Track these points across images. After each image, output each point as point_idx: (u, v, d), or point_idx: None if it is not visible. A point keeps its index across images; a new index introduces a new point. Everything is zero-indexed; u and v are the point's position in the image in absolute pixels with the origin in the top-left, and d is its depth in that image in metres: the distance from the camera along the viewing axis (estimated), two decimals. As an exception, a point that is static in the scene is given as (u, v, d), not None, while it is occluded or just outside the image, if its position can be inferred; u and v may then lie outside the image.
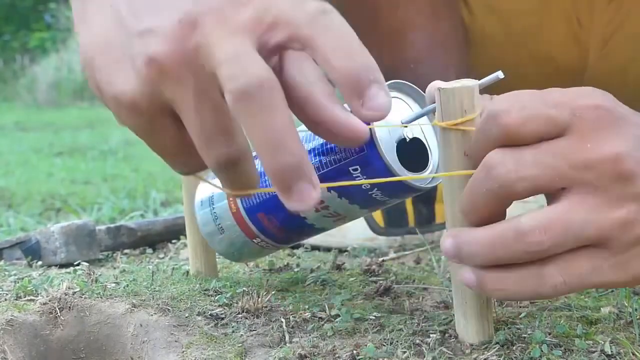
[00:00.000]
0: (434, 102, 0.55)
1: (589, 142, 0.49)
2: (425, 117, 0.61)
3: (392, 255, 0.92)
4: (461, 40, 0.94)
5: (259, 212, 0.67)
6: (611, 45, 0.93)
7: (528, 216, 0.50)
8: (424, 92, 0.58)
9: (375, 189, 0.60)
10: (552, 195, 0.51)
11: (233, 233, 0.70)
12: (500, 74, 0.53)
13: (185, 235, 0.80)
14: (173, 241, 0.99)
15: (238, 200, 0.68)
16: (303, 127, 0.62)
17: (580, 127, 0.49)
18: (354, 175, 0.60)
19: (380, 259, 0.86)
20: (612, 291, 0.73)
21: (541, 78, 0.96)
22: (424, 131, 0.62)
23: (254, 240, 0.69)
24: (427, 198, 0.93)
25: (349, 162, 0.60)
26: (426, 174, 0.62)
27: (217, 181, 0.70)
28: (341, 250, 0.95)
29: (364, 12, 0.90)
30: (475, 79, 0.54)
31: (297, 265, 0.83)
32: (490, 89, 0.55)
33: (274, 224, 0.67)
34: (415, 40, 0.92)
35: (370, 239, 0.97)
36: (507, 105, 0.50)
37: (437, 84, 0.54)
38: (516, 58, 0.95)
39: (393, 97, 0.61)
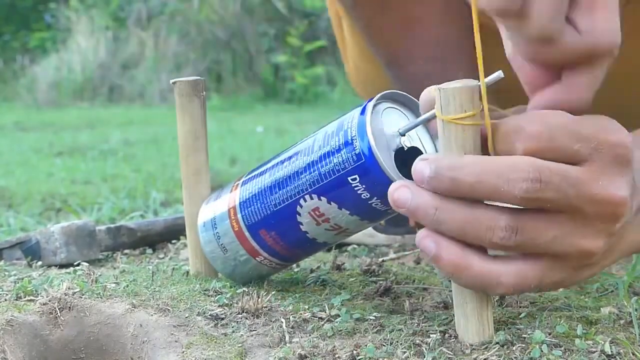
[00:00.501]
0: (428, 110, 0.56)
1: (601, 180, 0.52)
2: (422, 127, 0.61)
3: (392, 255, 0.92)
4: (471, 43, 0.94)
5: (261, 228, 0.67)
6: (624, 48, 0.92)
7: (508, 214, 0.52)
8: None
9: (375, 197, 0.60)
10: None
11: (236, 252, 0.70)
12: (501, 74, 0.53)
13: (185, 236, 0.80)
14: (173, 241, 0.99)
15: (240, 219, 0.68)
16: (304, 142, 0.63)
17: (597, 162, 0.52)
18: (353, 185, 0.60)
19: (380, 259, 0.86)
20: (612, 291, 0.73)
21: None
22: (422, 140, 0.63)
23: (257, 258, 0.69)
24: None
25: (348, 171, 0.60)
26: None
27: (220, 201, 0.71)
28: (341, 250, 0.95)
29: (377, 2, 0.89)
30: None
31: (297, 265, 0.83)
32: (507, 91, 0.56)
33: (276, 241, 0.67)
34: (428, 37, 0.92)
35: (370, 235, 0.97)
36: (537, 129, 0.51)
37: (431, 90, 0.55)
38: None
39: (389, 107, 0.62)
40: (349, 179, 0.60)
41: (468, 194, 0.52)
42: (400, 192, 0.54)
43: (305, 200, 0.63)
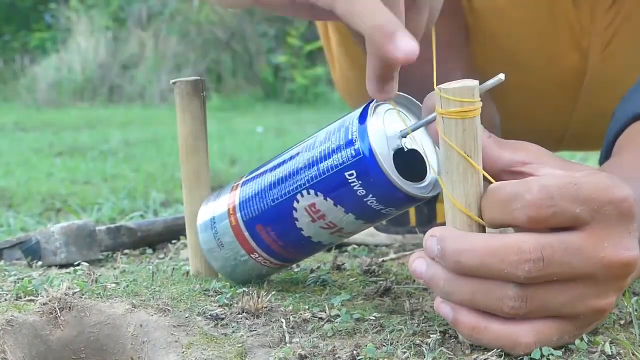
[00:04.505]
0: (431, 113, 0.56)
1: (606, 242, 0.51)
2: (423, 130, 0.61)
3: (392, 255, 0.92)
4: (465, 42, 0.94)
5: (258, 223, 0.67)
6: (610, 49, 0.93)
7: (516, 284, 0.52)
8: (426, 95, 0.58)
9: (371, 195, 0.60)
10: None
11: (236, 252, 0.70)
12: (501, 77, 0.53)
13: (185, 236, 0.80)
14: (173, 241, 0.99)
15: (238, 213, 0.68)
16: (305, 142, 0.63)
17: (601, 224, 0.51)
18: (350, 181, 0.60)
19: (380, 259, 0.86)
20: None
21: (541, 82, 0.96)
22: (423, 143, 0.63)
23: (253, 255, 0.69)
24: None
25: (345, 167, 0.60)
26: (424, 184, 0.62)
27: (220, 201, 0.71)
28: (341, 250, 0.95)
29: None
30: (475, 79, 0.54)
31: (297, 265, 0.83)
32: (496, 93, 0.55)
33: (272, 238, 0.67)
34: (423, 39, 0.92)
35: (371, 234, 0.97)
36: (537, 197, 0.51)
37: (434, 95, 0.55)
38: (518, 61, 0.95)
39: (391, 109, 0.62)
40: (346, 174, 0.60)
41: (474, 274, 0.53)
42: (417, 263, 0.57)
43: (302, 196, 0.64)
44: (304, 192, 0.63)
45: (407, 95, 0.63)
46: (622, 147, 0.68)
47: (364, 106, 0.61)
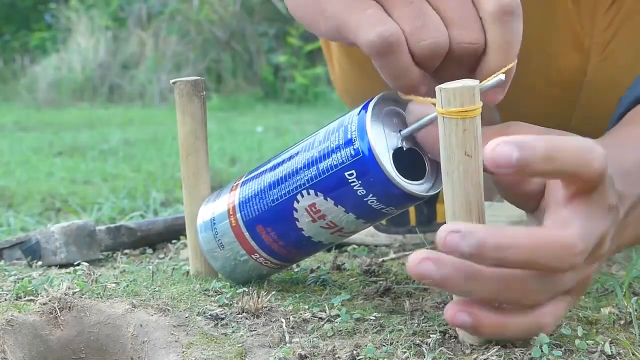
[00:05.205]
0: (414, 120, 0.59)
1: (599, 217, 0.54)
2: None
3: (392, 255, 0.92)
4: None
5: (258, 224, 0.67)
6: (610, 49, 0.93)
7: (539, 278, 0.53)
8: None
9: (371, 195, 0.60)
10: None
11: (236, 252, 0.70)
12: (501, 77, 0.53)
13: (185, 235, 0.80)
14: (173, 241, 0.99)
15: (238, 213, 0.68)
16: (305, 142, 0.63)
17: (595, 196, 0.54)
18: (350, 180, 0.60)
19: (380, 259, 0.86)
20: (612, 291, 0.72)
21: (541, 82, 0.96)
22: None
23: (253, 256, 0.69)
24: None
25: (346, 167, 0.60)
26: (424, 183, 0.62)
27: (220, 201, 0.71)
28: (341, 250, 0.95)
29: None
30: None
31: (297, 265, 0.83)
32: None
33: (273, 238, 0.67)
34: None
35: (371, 234, 0.97)
36: (577, 234, 0.52)
37: (417, 104, 0.57)
38: (518, 62, 0.94)
39: (390, 107, 0.62)
40: (346, 174, 0.60)
41: (519, 268, 0.53)
42: (423, 266, 0.52)
43: (302, 196, 0.63)
44: (304, 192, 0.63)
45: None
46: (623, 123, 0.71)
47: (362, 105, 0.61)
